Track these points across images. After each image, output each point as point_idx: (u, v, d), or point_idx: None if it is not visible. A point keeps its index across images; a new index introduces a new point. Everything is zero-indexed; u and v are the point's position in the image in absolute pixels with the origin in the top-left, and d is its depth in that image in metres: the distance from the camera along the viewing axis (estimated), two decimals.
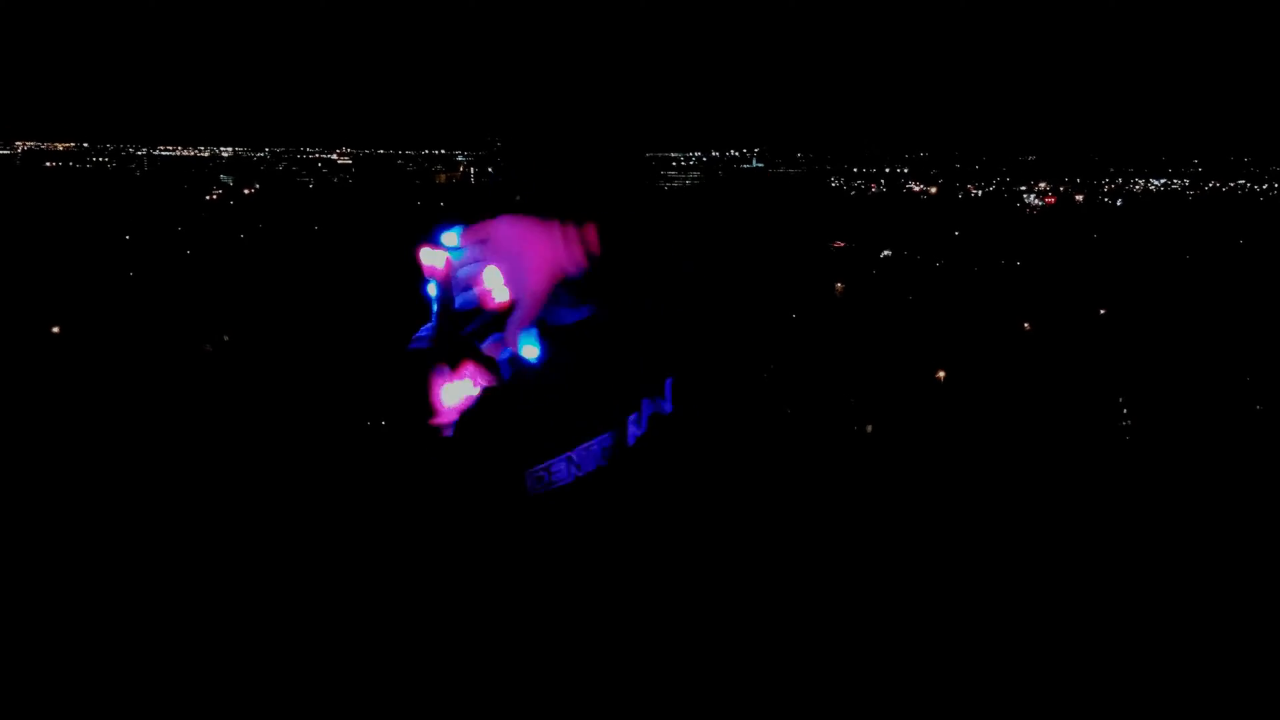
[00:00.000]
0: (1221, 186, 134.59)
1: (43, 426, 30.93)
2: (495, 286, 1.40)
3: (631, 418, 1.58)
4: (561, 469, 1.55)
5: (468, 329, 1.45)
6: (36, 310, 43.76)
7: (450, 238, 1.44)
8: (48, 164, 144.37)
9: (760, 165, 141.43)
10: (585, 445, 1.55)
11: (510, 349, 1.41)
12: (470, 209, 1.53)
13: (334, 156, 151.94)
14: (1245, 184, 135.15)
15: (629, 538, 1.71)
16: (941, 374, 38.77)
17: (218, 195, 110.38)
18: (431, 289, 1.44)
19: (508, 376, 1.42)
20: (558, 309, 1.49)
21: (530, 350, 1.41)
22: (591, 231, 1.40)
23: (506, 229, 1.39)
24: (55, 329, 41.40)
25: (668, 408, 1.61)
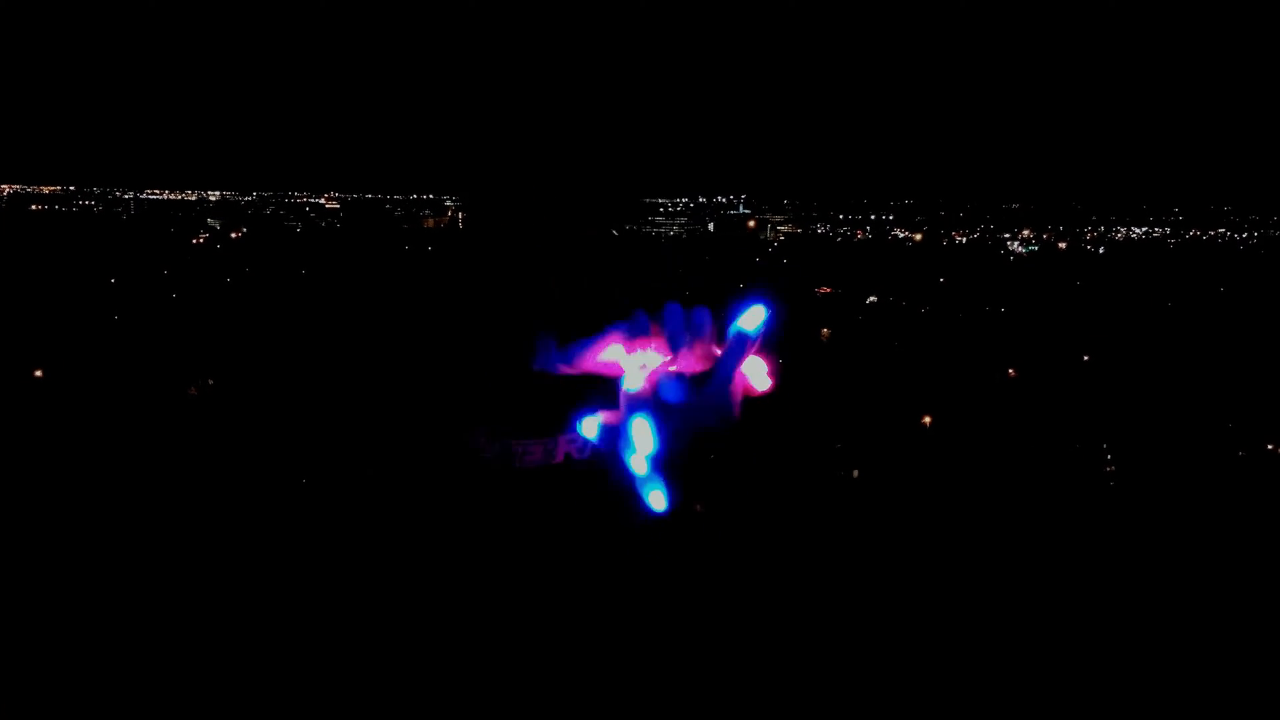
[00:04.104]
0: (1202, 234, 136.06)
1: (28, 468, 30.61)
2: None
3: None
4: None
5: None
6: (20, 353, 43.46)
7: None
8: (34, 207, 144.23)
9: (747, 211, 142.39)
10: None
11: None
12: None
13: (322, 201, 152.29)
14: (1225, 232, 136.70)
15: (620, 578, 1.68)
16: (927, 419, 38.79)
17: (204, 239, 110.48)
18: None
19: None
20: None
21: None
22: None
23: None
24: (38, 372, 41.10)
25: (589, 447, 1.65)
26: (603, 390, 27.63)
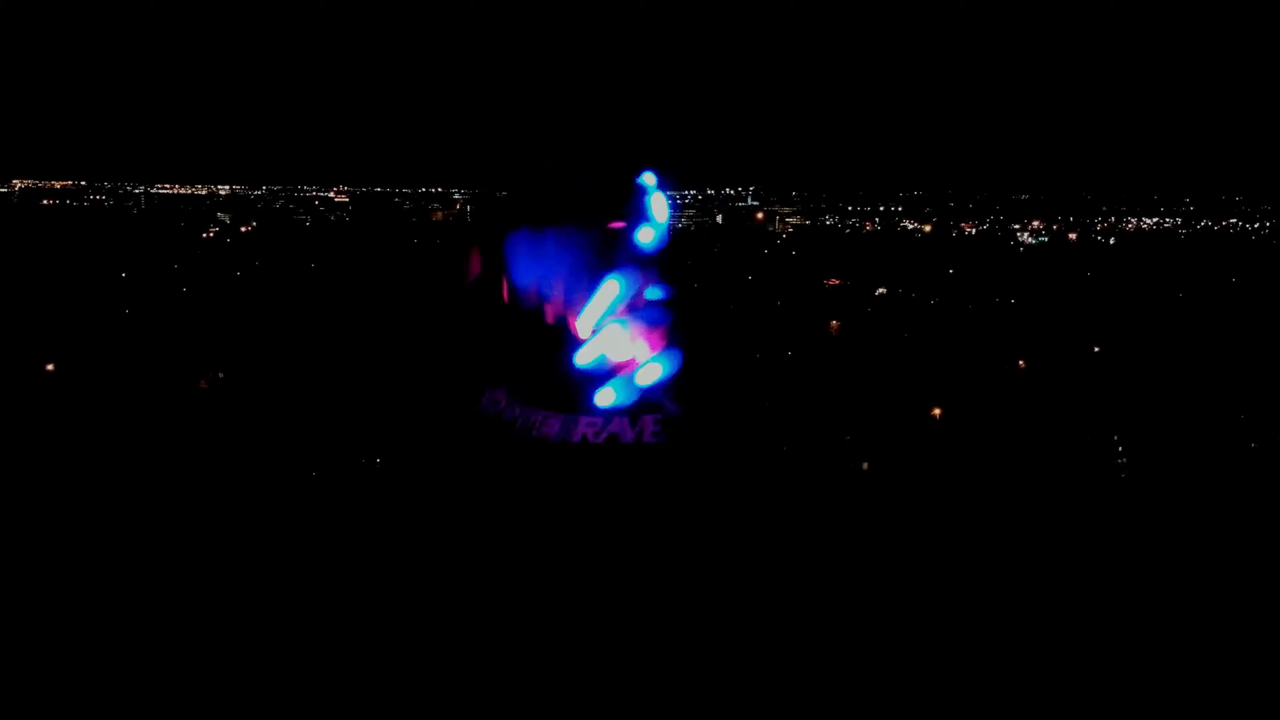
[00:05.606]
0: (1213, 225, 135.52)
1: (37, 464, 30.79)
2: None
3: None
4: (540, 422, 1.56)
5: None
6: (32, 348, 43.69)
7: None
8: (45, 202, 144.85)
9: (755, 203, 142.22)
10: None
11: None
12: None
13: (331, 194, 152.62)
14: (1237, 222, 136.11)
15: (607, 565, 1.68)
16: (937, 411, 38.78)
17: (214, 233, 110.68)
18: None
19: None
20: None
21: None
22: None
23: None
24: (50, 366, 41.32)
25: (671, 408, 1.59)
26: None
